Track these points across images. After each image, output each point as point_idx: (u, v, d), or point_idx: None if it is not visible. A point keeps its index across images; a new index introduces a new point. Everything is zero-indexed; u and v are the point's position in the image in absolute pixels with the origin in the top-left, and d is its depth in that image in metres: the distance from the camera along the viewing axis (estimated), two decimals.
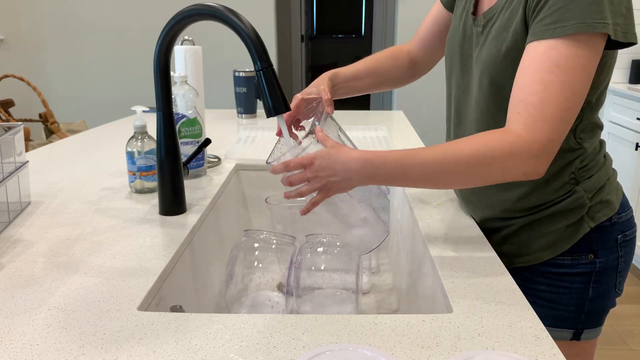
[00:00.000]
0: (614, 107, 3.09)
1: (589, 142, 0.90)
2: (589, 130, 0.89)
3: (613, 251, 0.94)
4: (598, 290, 0.95)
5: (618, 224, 0.94)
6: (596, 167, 0.92)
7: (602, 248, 0.93)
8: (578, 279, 0.94)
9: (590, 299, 0.95)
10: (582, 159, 0.90)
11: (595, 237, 0.93)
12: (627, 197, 0.98)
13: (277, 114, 0.83)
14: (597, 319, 0.97)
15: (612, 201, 0.93)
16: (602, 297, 0.96)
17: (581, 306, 0.95)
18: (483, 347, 0.61)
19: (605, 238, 0.93)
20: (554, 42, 0.75)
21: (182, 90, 1.18)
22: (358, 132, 1.72)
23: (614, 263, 0.94)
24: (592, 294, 0.95)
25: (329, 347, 0.59)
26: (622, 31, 0.76)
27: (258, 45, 0.82)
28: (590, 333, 0.97)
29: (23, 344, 0.61)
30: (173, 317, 0.67)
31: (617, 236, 0.94)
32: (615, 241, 0.94)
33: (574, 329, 0.97)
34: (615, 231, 0.94)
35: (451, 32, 1.01)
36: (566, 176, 0.90)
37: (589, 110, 0.88)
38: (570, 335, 0.97)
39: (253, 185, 1.40)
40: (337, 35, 9.02)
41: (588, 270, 0.93)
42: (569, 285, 0.94)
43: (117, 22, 3.63)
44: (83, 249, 0.87)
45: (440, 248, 0.88)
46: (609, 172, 0.95)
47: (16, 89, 3.04)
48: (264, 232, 1.02)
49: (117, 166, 1.33)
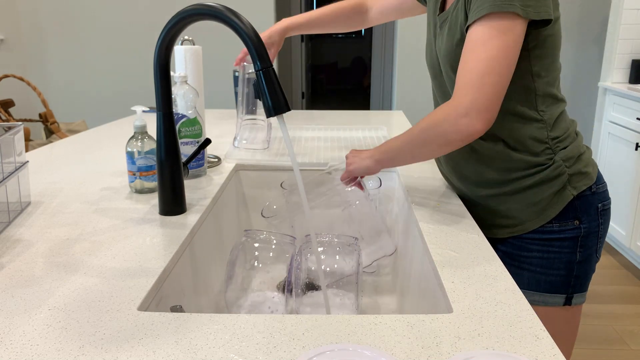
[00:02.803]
0: (614, 107, 3.10)
1: (550, 113, 1.03)
2: (549, 103, 1.03)
3: (595, 218, 1.06)
4: (584, 254, 1.06)
5: (597, 194, 1.06)
6: (569, 139, 1.05)
7: (585, 214, 1.05)
8: (566, 243, 1.05)
9: (577, 263, 1.06)
10: (550, 129, 1.03)
11: (579, 205, 1.05)
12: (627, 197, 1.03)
13: (277, 114, 0.83)
14: (584, 283, 1.08)
15: (590, 172, 1.06)
16: (586, 261, 1.07)
17: (571, 269, 1.06)
18: (483, 347, 0.61)
19: (587, 206, 1.05)
20: (476, 27, 0.92)
21: (182, 90, 1.18)
22: (358, 132, 1.72)
23: (596, 230, 1.06)
24: (579, 257, 1.06)
25: (329, 347, 0.59)
26: (535, 11, 0.91)
27: (258, 45, 0.82)
28: (579, 298, 1.08)
29: (23, 344, 0.61)
30: (173, 317, 0.67)
31: (598, 205, 1.06)
32: (596, 209, 1.06)
33: (566, 293, 1.07)
34: (595, 200, 1.06)
35: (427, 39, 1.16)
36: (541, 144, 1.03)
37: (540, 82, 1.01)
38: (563, 301, 1.08)
39: (253, 185, 1.40)
40: (337, 35, 9.02)
41: (574, 235, 1.05)
42: (559, 250, 1.06)
43: (117, 22, 3.63)
44: (83, 249, 0.87)
45: (440, 248, 0.88)
46: (582, 147, 1.08)
47: (16, 89, 3.04)
48: (264, 232, 1.02)
49: (117, 166, 1.33)
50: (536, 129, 1.02)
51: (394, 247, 1.12)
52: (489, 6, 0.90)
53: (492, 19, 0.90)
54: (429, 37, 1.14)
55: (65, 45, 3.68)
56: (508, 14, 0.90)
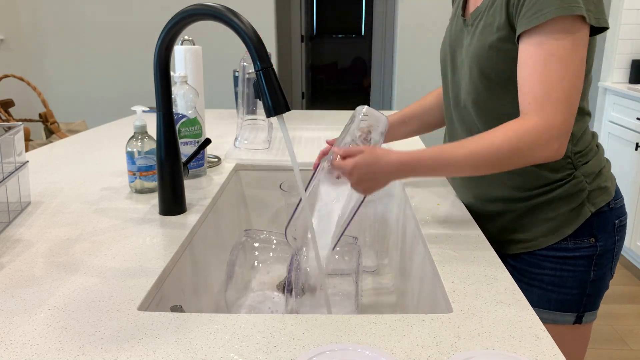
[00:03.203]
0: (614, 107, 3.09)
1: (577, 126, 0.96)
2: (577, 117, 0.94)
3: (611, 235, 1.00)
4: (598, 272, 1.00)
5: (615, 209, 1.01)
6: (591, 153, 0.99)
7: (602, 232, 0.99)
8: (581, 262, 0.99)
9: (591, 282, 1.00)
10: (575, 143, 0.96)
11: (596, 221, 0.99)
12: (627, 197, 1.01)
13: (276, 114, 0.83)
14: (596, 301, 1.03)
15: (609, 187, 1.00)
16: (600, 279, 1.01)
17: (584, 288, 1.00)
18: (483, 347, 0.61)
19: (604, 223, 0.99)
20: (541, 33, 0.83)
21: (182, 90, 1.18)
22: None
23: (612, 247, 1.01)
24: (593, 276, 1.00)
25: (329, 347, 0.59)
26: (595, 17, 0.84)
27: (258, 45, 0.82)
28: (590, 316, 1.03)
29: (23, 344, 0.61)
30: (173, 317, 0.67)
31: (615, 221, 1.01)
32: (613, 226, 1.00)
33: (577, 312, 1.01)
34: (612, 216, 1.00)
35: (444, 38, 1.10)
36: (564, 159, 0.96)
37: None
38: (573, 319, 1.02)
39: (253, 185, 1.40)
40: (337, 35, 9.02)
41: (590, 253, 0.99)
42: (573, 269, 0.99)
43: (117, 22, 3.63)
44: (83, 249, 0.87)
45: (440, 248, 0.88)
46: (603, 160, 1.02)
47: (16, 89, 3.04)
48: (264, 232, 1.02)
49: (117, 166, 1.33)
50: None
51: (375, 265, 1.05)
52: (555, 9, 0.81)
53: (559, 23, 0.82)
54: (447, 40, 1.07)
55: (65, 45, 3.68)
56: (575, 18, 0.82)
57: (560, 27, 0.83)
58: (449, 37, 1.06)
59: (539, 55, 0.84)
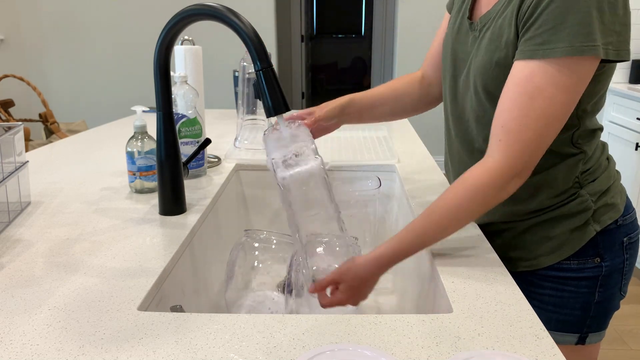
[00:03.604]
0: (614, 107, 3.09)
1: (589, 145, 0.90)
2: (587, 135, 0.89)
3: (619, 254, 0.93)
4: (604, 294, 0.94)
5: (623, 226, 0.93)
6: (599, 170, 0.92)
7: (608, 251, 0.92)
8: (584, 283, 0.93)
9: (596, 303, 0.94)
10: (585, 162, 0.90)
11: (601, 240, 0.92)
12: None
13: (276, 114, 0.83)
14: (602, 322, 0.96)
15: (617, 204, 0.93)
16: (607, 300, 0.95)
17: (587, 310, 0.94)
18: (483, 347, 0.61)
19: (611, 241, 0.92)
20: (540, 66, 0.75)
21: (182, 90, 1.18)
22: (358, 132, 1.72)
23: (620, 266, 0.94)
24: (598, 297, 0.94)
25: (329, 347, 0.59)
26: (614, 49, 0.75)
27: (258, 45, 0.82)
28: (595, 337, 0.97)
29: (23, 344, 0.61)
30: (173, 317, 0.67)
31: (623, 239, 0.93)
32: (621, 244, 0.93)
33: (579, 333, 0.96)
34: (621, 234, 0.93)
35: (446, 35, 1.01)
36: (570, 181, 0.90)
37: (585, 117, 0.87)
38: (575, 340, 0.96)
39: (253, 185, 1.40)
40: (337, 35, 9.02)
41: (594, 274, 0.93)
42: (575, 290, 0.94)
43: (117, 22, 3.63)
44: (83, 249, 0.87)
45: (441, 248, 0.88)
46: (613, 174, 0.95)
47: (16, 89, 3.04)
48: (264, 232, 1.02)
49: (117, 166, 1.33)
50: (571, 163, 0.90)
51: None
52: (564, 48, 0.73)
53: (564, 61, 0.74)
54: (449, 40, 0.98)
55: (65, 45, 3.68)
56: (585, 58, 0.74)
57: (562, 66, 0.74)
58: (452, 37, 0.98)
59: (526, 88, 0.76)
